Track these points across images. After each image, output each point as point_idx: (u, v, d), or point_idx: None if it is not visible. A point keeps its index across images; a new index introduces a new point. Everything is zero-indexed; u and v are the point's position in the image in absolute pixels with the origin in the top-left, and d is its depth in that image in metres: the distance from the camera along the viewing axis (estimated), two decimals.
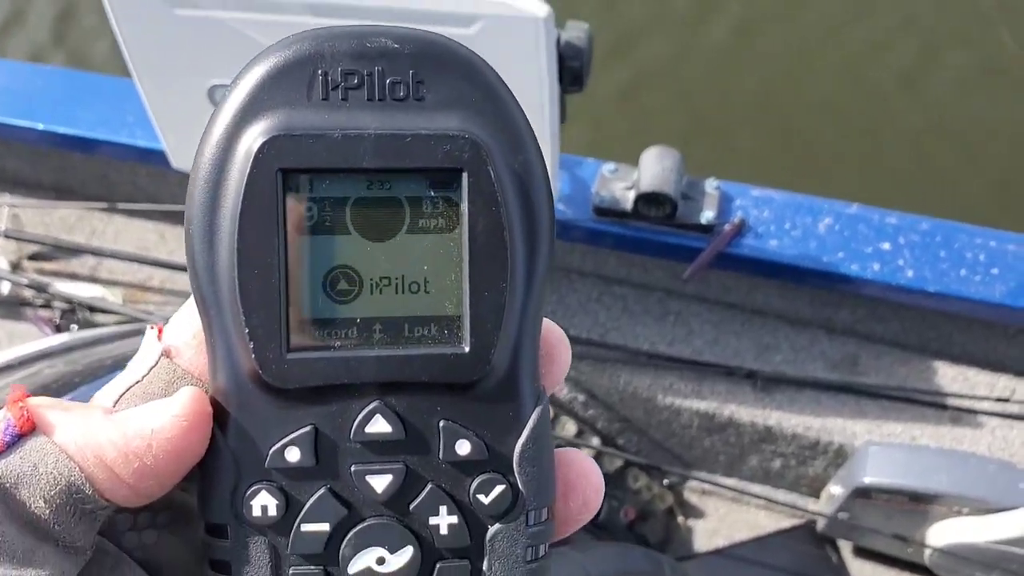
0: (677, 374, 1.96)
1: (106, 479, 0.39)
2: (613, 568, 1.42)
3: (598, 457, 1.97)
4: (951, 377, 1.92)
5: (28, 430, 0.39)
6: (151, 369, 0.42)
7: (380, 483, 0.41)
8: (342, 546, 0.41)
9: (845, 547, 2.01)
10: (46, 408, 0.40)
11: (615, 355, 1.97)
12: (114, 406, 0.42)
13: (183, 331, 0.43)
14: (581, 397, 2.01)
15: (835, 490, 1.90)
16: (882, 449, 1.83)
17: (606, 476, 2.01)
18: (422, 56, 0.40)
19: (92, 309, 1.99)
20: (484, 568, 0.42)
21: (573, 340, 1.95)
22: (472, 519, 0.42)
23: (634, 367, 1.97)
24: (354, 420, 0.41)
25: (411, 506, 0.41)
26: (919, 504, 1.81)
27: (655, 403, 1.98)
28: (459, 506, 0.41)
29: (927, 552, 1.85)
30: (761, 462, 2.03)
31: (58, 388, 1.08)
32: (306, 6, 1.34)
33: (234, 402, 0.41)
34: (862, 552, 1.99)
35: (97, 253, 2.14)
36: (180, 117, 1.58)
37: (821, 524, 1.97)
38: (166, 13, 1.39)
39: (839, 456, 1.93)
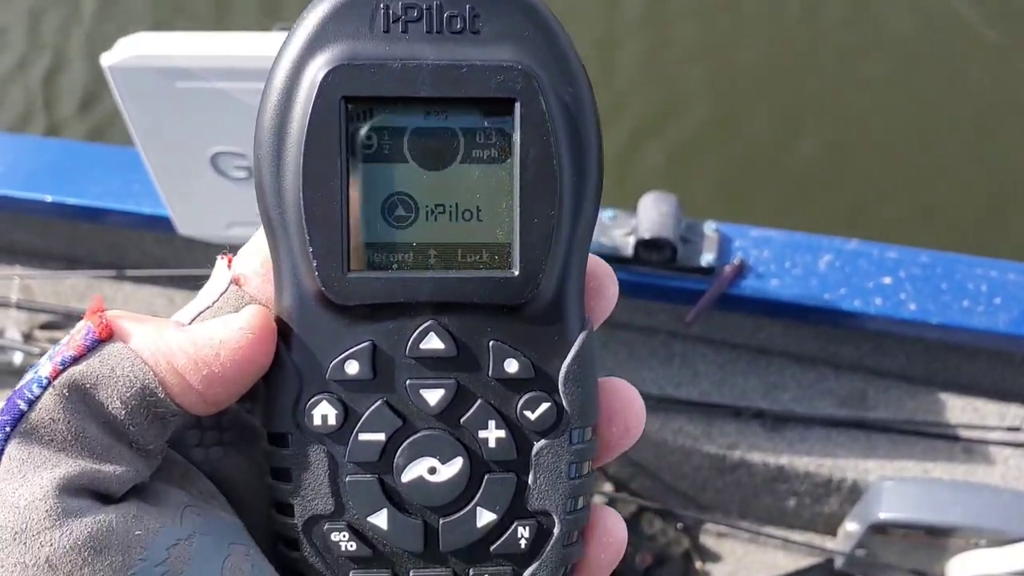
0: (686, 416, 1.97)
1: (177, 384, 0.42)
2: None
3: (611, 504, 1.96)
4: (960, 408, 1.91)
5: (106, 336, 0.42)
6: (221, 295, 0.45)
7: (433, 397, 0.43)
8: (396, 455, 0.44)
9: None
10: (123, 318, 0.43)
11: None
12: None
13: (251, 259, 0.46)
14: None
15: (851, 527, 1.89)
16: (896, 484, 1.82)
17: None
18: None
19: None
20: (529, 481, 0.44)
21: None
22: (519, 434, 0.44)
23: None
24: (409, 337, 0.43)
25: (461, 420, 0.44)
26: (936, 538, 1.80)
27: (666, 446, 1.98)
28: (506, 421, 0.44)
29: None
30: (775, 501, 2.02)
31: None
32: None
33: (297, 319, 0.43)
34: None
35: None
36: (184, 185, 1.61)
37: (839, 562, 1.95)
38: (168, 86, 1.43)
39: (853, 492, 1.92)
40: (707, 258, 1.83)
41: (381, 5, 0.42)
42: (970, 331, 1.78)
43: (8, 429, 0.39)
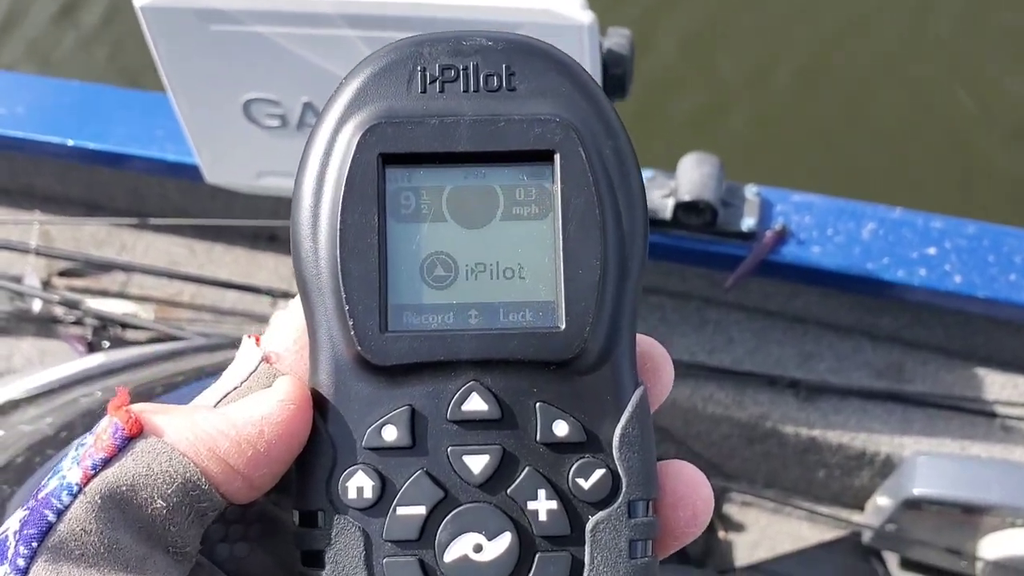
0: (717, 384, 1.93)
1: (221, 471, 0.39)
2: None
3: None
4: (1000, 384, 1.87)
5: (137, 432, 0.39)
6: (251, 375, 0.43)
7: (477, 464, 0.40)
8: (438, 531, 0.40)
9: (891, 559, 1.96)
10: (151, 412, 0.40)
11: None
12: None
13: (284, 336, 0.43)
14: None
15: (882, 501, 1.86)
16: (932, 459, 1.78)
17: None
18: (515, 51, 0.42)
19: (124, 326, 1.97)
20: (585, 560, 0.40)
21: None
22: (571, 506, 0.41)
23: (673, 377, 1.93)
24: (451, 399, 0.41)
25: (508, 490, 0.40)
26: (971, 516, 1.76)
27: (695, 413, 1.95)
28: (557, 491, 0.40)
29: (979, 565, 1.80)
30: (803, 473, 1.99)
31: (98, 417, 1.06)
32: (345, 18, 1.31)
33: (333, 386, 0.41)
34: (909, 564, 1.94)
35: (127, 268, 2.12)
36: (215, 132, 1.56)
37: (867, 536, 1.92)
38: (202, 29, 1.37)
39: (886, 467, 1.89)
40: (748, 222, 1.78)
41: (419, 67, 0.42)
42: (1016, 306, 1.73)
43: (35, 544, 0.36)
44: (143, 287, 2.15)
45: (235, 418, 0.40)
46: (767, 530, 2.05)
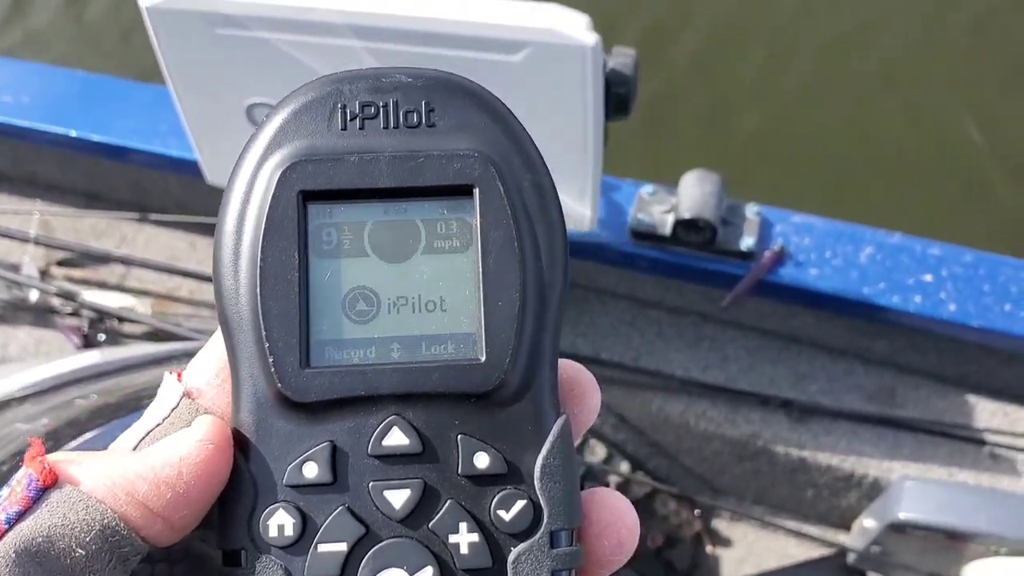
0: (710, 401, 1.93)
1: (140, 515, 0.39)
2: None
3: (626, 483, 1.94)
4: (991, 412, 1.88)
5: (51, 482, 0.39)
6: (172, 411, 0.42)
7: (398, 499, 0.40)
8: (360, 568, 0.40)
9: None
10: (66, 462, 0.40)
11: (647, 380, 1.94)
12: (135, 450, 0.42)
13: (205, 370, 0.43)
14: (611, 420, 1.98)
15: (868, 523, 1.86)
16: (918, 485, 1.79)
17: (634, 501, 1.99)
18: (434, 88, 0.43)
19: (120, 319, 1.98)
20: None
21: (605, 364, 1.94)
22: (492, 539, 0.41)
23: (667, 393, 1.94)
24: (371, 434, 0.41)
25: (430, 524, 0.40)
26: (955, 542, 1.77)
27: (687, 429, 1.95)
28: (479, 524, 0.41)
29: None
30: (792, 491, 2.00)
31: (91, 421, 1.06)
32: (351, 28, 1.32)
33: (255, 424, 0.41)
34: None
35: (126, 261, 2.12)
36: (217, 133, 1.56)
37: (852, 557, 1.93)
38: (208, 32, 1.37)
39: (873, 489, 1.89)
40: (747, 242, 1.78)
41: (339, 105, 0.42)
42: (1009, 336, 1.74)
43: None
44: (142, 280, 2.15)
45: (153, 461, 0.40)
46: (754, 546, 2.06)
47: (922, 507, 1.77)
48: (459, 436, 0.41)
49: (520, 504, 0.41)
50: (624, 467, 1.98)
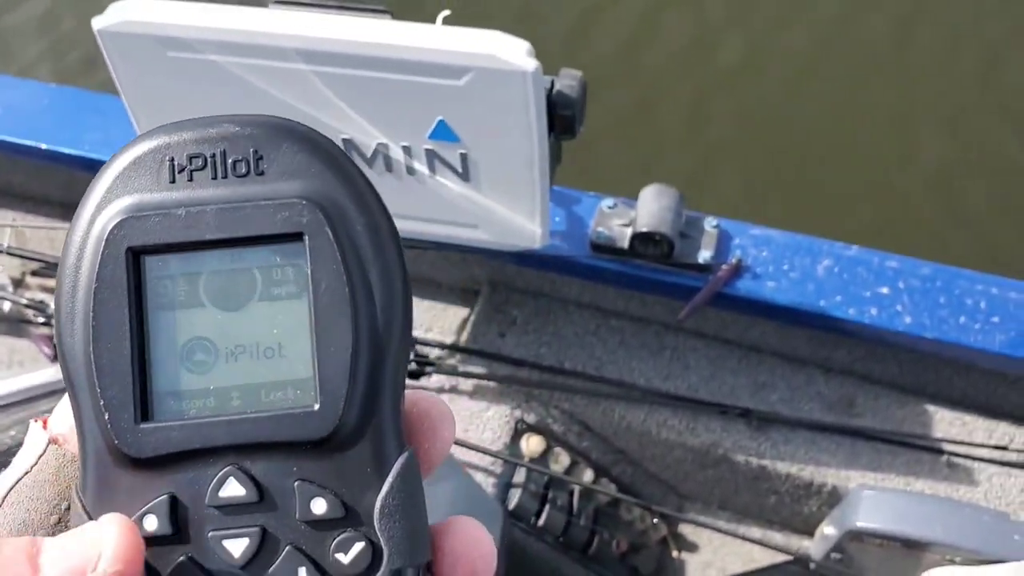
0: (671, 410, 1.96)
1: None
2: None
3: (590, 492, 1.96)
4: (948, 422, 1.90)
5: None
6: (39, 458, 0.44)
7: (237, 547, 0.41)
8: None
9: None
10: None
11: (610, 389, 1.96)
12: (3, 500, 0.43)
13: (68, 418, 0.44)
14: (576, 428, 2.01)
15: (828, 531, 1.89)
16: (875, 494, 1.81)
17: (598, 507, 2.01)
18: (262, 135, 0.43)
19: None
20: None
21: (568, 373, 1.96)
22: None
23: (628, 402, 1.97)
24: (208, 485, 0.41)
25: (270, 569, 0.41)
26: (911, 550, 1.79)
27: (649, 437, 1.98)
28: (319, 568, 0.41)
29: None
30: (755, 498, 2.02)
31: None
32: (298, 53, 1.34)
33: (97, 481, 0.42)
34: None
35: None
36: None
37: (813, 564, 1.95)
38: (160, 54, 1.39)
39: (832, 497, 1.92)
40: (704, 255, 1.80)
41: (167, 158, 0.42)
42: (964, 348, 1.75)
43: None
44: None
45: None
46: (719, 551, 2.09)
47: (879, 516, 1.79)
48: (296, 483, 0.41)
49: (359, 546, 0.41)
50: (588, 475, 2.00)
